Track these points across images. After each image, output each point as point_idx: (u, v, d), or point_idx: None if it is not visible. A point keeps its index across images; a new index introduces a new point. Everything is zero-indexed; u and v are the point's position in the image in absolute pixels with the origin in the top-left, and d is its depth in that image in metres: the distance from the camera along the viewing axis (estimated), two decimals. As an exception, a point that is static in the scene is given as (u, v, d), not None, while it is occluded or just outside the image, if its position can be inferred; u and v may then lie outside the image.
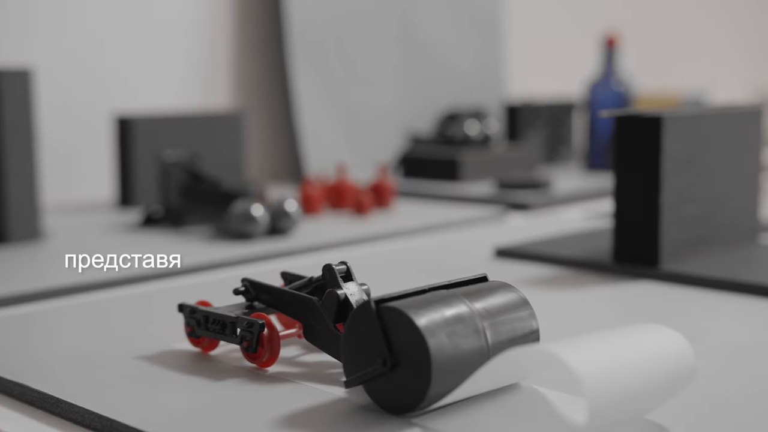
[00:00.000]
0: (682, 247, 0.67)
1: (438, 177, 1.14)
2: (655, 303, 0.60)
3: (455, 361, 0.39)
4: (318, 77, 1.27)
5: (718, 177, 0.70)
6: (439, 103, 1.41)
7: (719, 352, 0.49)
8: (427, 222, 0.91)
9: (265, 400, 0.42)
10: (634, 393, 0.36)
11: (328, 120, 1.28)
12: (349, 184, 0.99)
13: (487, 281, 0.45)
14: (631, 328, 0.39)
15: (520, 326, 0.43)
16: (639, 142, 0.65)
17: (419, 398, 0.39)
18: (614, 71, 1.23)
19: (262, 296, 0.49)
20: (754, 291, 0.61)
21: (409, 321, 0.39)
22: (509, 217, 0.97)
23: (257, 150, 1.29)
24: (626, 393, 0.36)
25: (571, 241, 0.76)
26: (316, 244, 0.80)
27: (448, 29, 1.44)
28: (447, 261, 0.73)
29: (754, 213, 0.74)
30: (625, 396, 0.36)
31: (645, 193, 0.65)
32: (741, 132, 0.71)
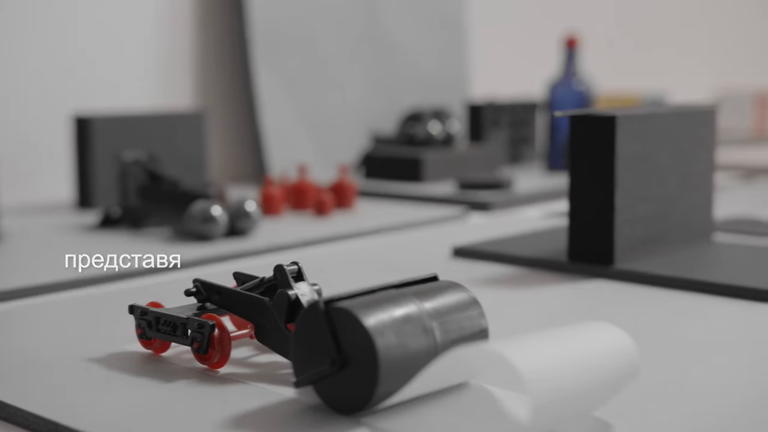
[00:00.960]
0: (636, 245, 0.68)
1: (400, 177, 1.14)
2: (608, 301, 0.60)
3: (404, 361, 0.40)
4: (280, 76, 1.27)
5: (671, 176, 0.70)
6: (402, 102, 1.42)
7: (668, 350, 0.50)
8: (387, 222, 0.91)
9: (215, 402, 0.42)
10: (577, 390, 0.36)
11: (290, 120, 1.27)
12: (310, 184, 0.98)
13: (437, 281, 0.45)
14: (576, 326, 0.39)
15: (469, 325, 0.43)
16: (593, 142, 0.66)
17: (367, 398, 0.39)
18: (574, 71, 1.25)
19: (213, 297, 0.49)
20: (707, 289, 0.62)
21: (357, 321, 0.39)
22: (470, 217, 0.98)
23: (220, 150, 1.28)
24: (570, 390, 0.36)
25: (529, 240, 0.76)
26: (276, 245, 0.80)
27: (413, 29, 1.45)
28: (404, 261, 0.73)
29: (707, 212, 0.75)
30: (569, 393, 0.36)
31: (599, 193, 0.66)
32: (694, 132, 0.72)
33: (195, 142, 1.10)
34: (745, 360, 0.48)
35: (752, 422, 0.39)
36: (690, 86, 2.11)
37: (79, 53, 1.12)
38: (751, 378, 0.45)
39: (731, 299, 0.60)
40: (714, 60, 2.29)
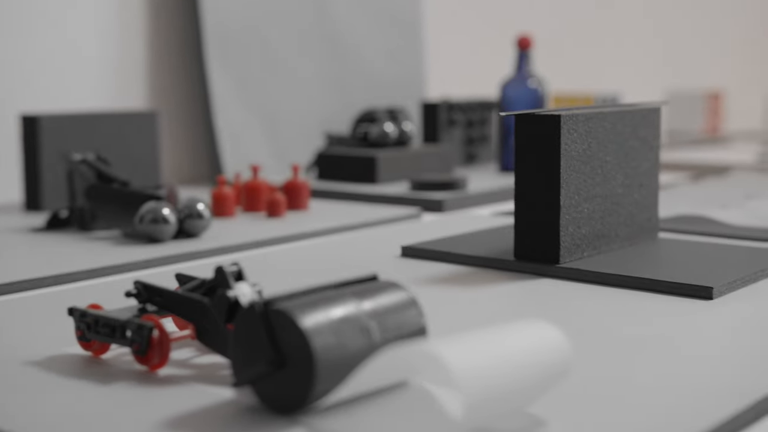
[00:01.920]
0: (582, 244, 0.69)
1: (354, 177, 1.14)
2: (552, 300, 0.61)
3: (341, 361, 0.40)
4: (234, 77, 1.26)
5: (616, 175, 0.71)
6: (358, 102, 1.42)
7: (607, 347, 0.50)
8: (340, 222, 0.91)
9: (153, 403, 0.42)
10: (510, 387, 0.37)
11: (245, 120, 1.27)
12: (262, 185, 0.98)
13: (377, 281, 0.45)
14: (510, 324, 0.40)
15: (407, 325, 0.43)
16: (538, 142, 0.67)
17: (305, 398, 0.39)
18: (527, 72, 1.26)
19: (154, 299, 0.48)
20: (650, 287, 0.62)
21: (294, 322, 0.40)
22: (423, 217, 0.98)
23: (174, 151, 1.27)
24: (502, 387, 0.37)
25: (477, 239, 0.77)
26: (226, 246, 0.80)
27: (367, 29, 1.45)
28: (353, 261, 0.74)
29: (652, 210, 0.76)
30: (501, 390, 0.37)
31: (544, 192, 0.67)
32: (639, 131, 0.73)
33: (147, 142, 1.09)
34: (683, 357, 0.49)
35: (686, 418, 0.40)
36: (644, 87, 2.14)
37: (29, 53, 1.11)
38: (687, 374, 0.46)
39: (674, 297, 0.61)
40: (667, 61, 2.33)
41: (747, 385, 0.44)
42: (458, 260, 0.72)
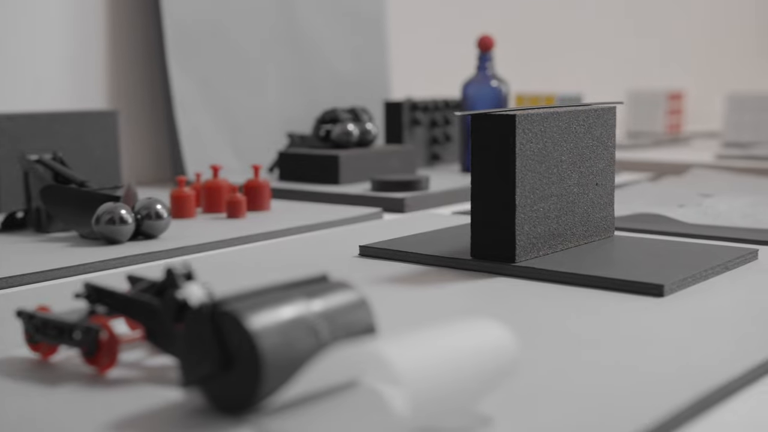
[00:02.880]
0: (537, 242, 0.69)
1: (316, 177, 1.14)
2: (507, 298, 0.61)
3: (289, 362, 0.40)
4: (195, 77, 1.25)
5: (571, 174, 0.72)
6: (321, 102, 1.42)
7: (558, 345, 0.51)
8: (300, 222, 0.91)
9: (102, 405, 0.42)
10: (455, 386, 0.37)
11: (207, 121, 1.26)
12: (223, 186, 0.98)
13: (326, 281, 0.45)
14: (457, 323, 0.40)
15: (357, 326, 0.43)
16: (493, 141, 0.67)
17: (252, 398, 0.39)
18: (489, 72, 1.26)
19: (104, 300, 0.48)
20: (604, 285, 0.63)
21: (241, 323, 0.39)
22: (384, 216, 0.98)
23: (135, 151, 1.26)
24: (448, 386, 0.37)
25: (436, 239, 0.77)
26: (185, 247, 0.79)
27: (331, 28, 1.45)
28: (310, 261, 0.74)
29: (607, 209, 0.77)
30: (447, 389, 0.37)
31: (500, 191, 0.67)
32: (594, 130, 0.74)
33: (107, 142, 1.08)
34: (629, 354, 0.49)
35: (629, 415, 0.41)
36: (606, 88, 2.16)
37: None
38: (632, 371, 0.46)
39: (627, 294, 0.62)
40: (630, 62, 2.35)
41: (690, 381, 0.44)
42: (415, 259, 0.72)
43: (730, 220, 0.87)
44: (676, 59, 2.52)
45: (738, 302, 0.59)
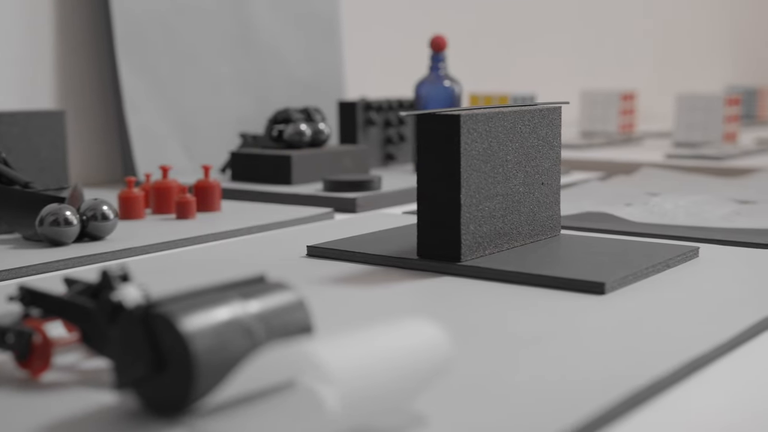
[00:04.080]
0: (483, 242, 0.70)
1: (268, 177, 1.14)
2: (451, 297, 0.62)
3: (222, 364, 0.40)
4: (146, 76, 1.24)
5: (517, 173, 0.73)
6: (275, 102, 1.41)
7: (497, 343, 0.51)
8: (250, 223, 0.90)
9: (35, 409, 0.41)
10: (388, 384, 0.37)
11: (158, 121, 1.25)
12: (172, 186, 0.97)
13: (264, 282, 0.45)
14: (392, 323, 0.40)
15: (294, 327, 0.43)
16: (438, 141, 0.67)
17: (185, 400, 0.39)
18: (441, 72, 1.27)
19: (39, 303, 0.47)
20: (548, 283, 0.64)
21: (174, 324, 0.39)
22: (335, 217, 0.98)
23: (84, 152, 1.25)
24: (380, 384, 0.37)
25: (384, 238, 0.77)
26: (131, 249, 0.78)
27: (285, 27, 1.44)
28: (257, 262, 0.73)
29: (554, 208, 0.77)
30: (380, 388, 0.37)
31: (445, 191, 0.68)
32: (539, 130, 0.75)
33: (54, 142, 1.06)
34: (567, 352, 0.50)
35: (563, 412, 0.41)
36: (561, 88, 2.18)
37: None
38: (569, 369, 0.47)
39: (569, 292, 0.62)
40: (584, 62, 2.38)
41: (624, 377, 0.45)
42: (362, 259, 0.72)
43: (675, 219, 0.89)
44: (629, 59, 2.55)
45: (676, 300, 0.60)
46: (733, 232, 0.81)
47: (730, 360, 0.50)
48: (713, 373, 0.48)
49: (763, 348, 0.52)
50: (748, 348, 0.52)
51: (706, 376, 0.47)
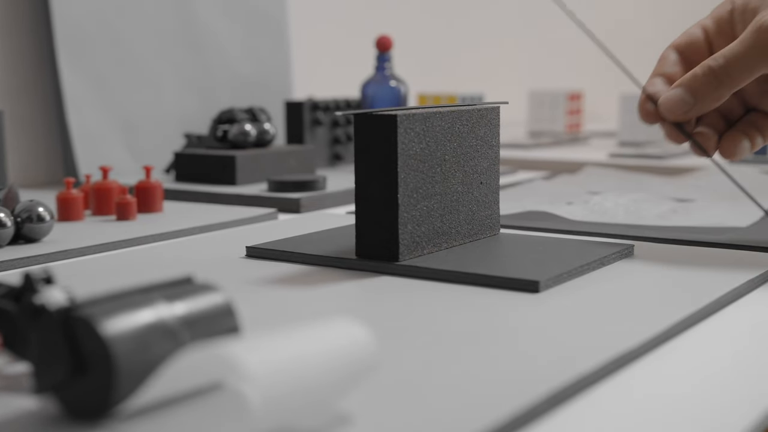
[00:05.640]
0: (421, 241, 0.70)
1: (212, 178, 1.13)
2: (387, 297, 0.62)
3: (144, 367, 0.39)
4: (88, 76, 1.22)
5: (456, 173, 0.73)
6: (221, 102, 1.40)
7: (428, 342, 0.51)
8: (191, 224, 0.89)
9: (-52, 417, 0.40)
10: (311, 384, 0.37)
11: (100, 121, 1.23)
12: (113, 187, 0.96)
13: (191, 283, 0.45)
14: (316, 322, 0.40)
15: (220, 329, 0.43)
16: (375, 141, 0.67)
17: (106, 405, 0.39)
18: (387, 71, 1.27)
19: (-40, 307, 0.46)
20: (484, 282, 0.64)
21: (94, 328, 0.39)
22: (279, 217, 0.98)
23: (24, 153, 1.22)
24: (303, 385, 0.37)
25: (325, 239, 0.77)
26: (67, 251, 0.77)
27: (230, 26, 1.43)
28: (194, 263, 0.73)
29: (493, 207, 0.78)
30: (302, 388, 0.37)
31: (382, 191, 0.68)
32: (478, 129, 0.75)
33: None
34: (501, 349, 0.50)
35: (495, 406, 0.41)
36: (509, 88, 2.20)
37: None
38: (502, 366, 0.47)
39: (505, 291, 0.63)
40: (532, 62, 2.40)
41: (552, 373, 0.45)
42: (301, 260, 0.72)
43: (614, 217, 0.90)
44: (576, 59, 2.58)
45: (608, 297, 0.61)
46: (667, 230, 0.83)
47: (657, 356, 0.51)
48: (639, 369, 0.49)
49: (688, 344, 0.53)
50: (674, 344, 0.53)
51: (631, 373, 0.48)
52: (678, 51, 0.75)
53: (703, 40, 0.74)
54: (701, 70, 0.69)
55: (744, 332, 0.56)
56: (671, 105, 0.70)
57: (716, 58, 0.69)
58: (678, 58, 0.75)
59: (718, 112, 0.74)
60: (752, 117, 0.74)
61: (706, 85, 0.69)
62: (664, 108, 0.71)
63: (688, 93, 0.70)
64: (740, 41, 0.68)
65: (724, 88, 0.69)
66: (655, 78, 0.74)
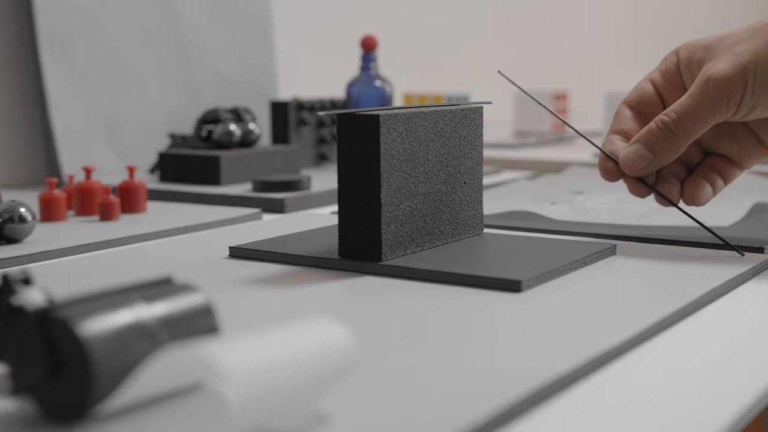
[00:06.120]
0: (405, 241, 0.70)
1: (197, 178, 1.12)
2: (370, 297, 0.62)
3: (123, 368, 0.39)
4: (72, 75, 1.22)
5: (439, 173, 0.73)
6: (206, 102, 1.40)
7: (410, 342, 0.51)
8: (175, 224, 0.89)
9: (-76, 419, 0.40)
10: (290, 384, 0.37)
11: (84, 121, 1.23)
12: (96, 187, 0.95)
13: (170, 284, 0.44)
14: (294, 322, 0.40)
15: (199, 329, 0.43)
16: (358, 141, 0.67)
17: (83, 406, 0.38)
18: (373, 71, 1.27)
19: (-63, 308, 0.46)
20: (467, 282, 0.64)
21: (71, 329, 0.38)
22: (263, 217, 0.97)
23: (6, 152, 1.22)
24: (281, 385, 0.37)
25: (308, 239, 0.77)
26: (49, 252, 0.77)
27: (216, 26, 1.43)
28: (177, 264, 0.72)
29: (476, 207, 0.78)
30: (281, 388, 0.37)
31: (365, 190, 0.68)
32: (461, 129, 0.75)
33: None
34: (482, 349, 0.50)
35: (474, 406, 0.41)
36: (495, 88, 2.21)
37: None
38: (482, 365, 0.47)
39: (488, 291, 0.63)
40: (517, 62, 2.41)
41: (531, 374, 0.45)
42: (284, 260, 0.72)
43: (597, 217, 0.90)
44: (561, 59, 2.59)
45: (590, 297, 0.61)
46: (649, 229, 0.83)
47: (636, 355, 0.51)
48: (618, 369, 0.49)
49: (668, 343, 0.54)
50: (654, 344, 0.53)
51: (609, 373, 0.48)
52: (630, 107, 0.77)
53: (654, 93, 0.77)
54: (656, 126, 0.72)
55: (724, 331, 0.56)
56: (631, 161, 0.72)
57: (669, 113, 0.71)
58: (632, 113, 0.77)
59: (678, 159, 0.76)
60: (711, 161, 0.77)
61: (663, 140, 0.71)
62: (624, 164, 0.73)
63: (646, 149, 0.72)
64: (690, 95, 0.71)
65: (680, 142, 0.71)
66: (612, 136, 0.77)
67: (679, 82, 0.76)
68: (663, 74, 0.77)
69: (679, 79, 0.76)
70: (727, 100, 0.69)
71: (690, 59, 0.74)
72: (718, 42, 0.72)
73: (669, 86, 0.76)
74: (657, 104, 0.76)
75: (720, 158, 0.77)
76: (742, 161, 0.76)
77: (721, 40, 0.72)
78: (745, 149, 0.76)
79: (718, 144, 0.76)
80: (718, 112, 0.70)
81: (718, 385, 0.46)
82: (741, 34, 0.71)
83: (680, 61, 0.75)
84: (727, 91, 0.69)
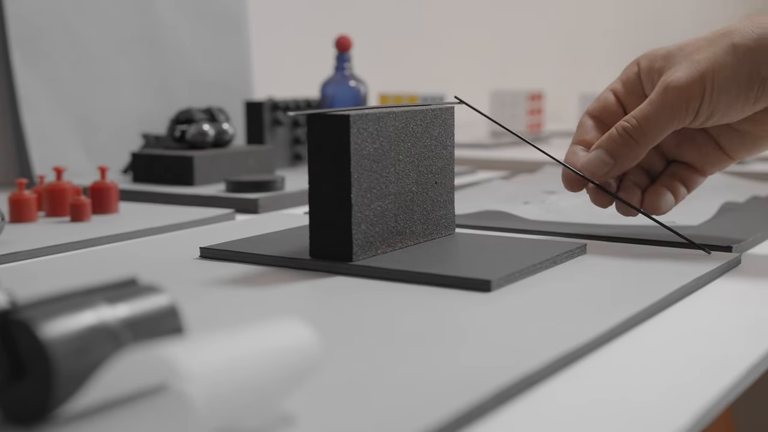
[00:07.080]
0: (376, 241, 0.70)
1: (170, 178, 1.12)
2: (340, 297, 0.62)
3: (85, 370, 0.39)
4: (44, 75, 1.21)
5: (410, 173, 0.73)
6: (179, 102, 1.39)
7: (378, 342, 0.51)
8: (147, 225, 0.89)
9: None
10: (253, 384, 0.37)
11: (56, 121, 1.22)
12: (66, 188, 0.94)
13: (135, 285, 0.44)
14: (258, 322, 0.40)
15: (163, 330, 0.42)
16: (328, 141, 0.67)
17: (45, 408, 0.38)
18: (347, 71, 1.27)
19: None
20: (437, 282, 0.64)
21: (32, 331, 0.38)
22: (236, 218, 0.97)
23: (-22, 153, 1.20)
24: (245, 385, 0.37)
25: (280, 239, 0.77)
26: (18, 253, 0.76)
27: (190, 26, 1.42)
28: (146, 264, 0.72)
29: (448, 207, 0.78)
30: (244, 388, 0.37)
31: (336, 191, 0.68)
32: (432, 129, 0.75)
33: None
34: (450, 348, 0.50)
35: (441, 405, 0.41)
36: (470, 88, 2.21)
37: None
38: (449, 365, 0.47)
39: (458, 290, 0.63)
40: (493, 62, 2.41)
41: (497, 373, 0.46)
42: (254, 260, 0.72)
43: (570, 217, 0.91)
44: (536, 60, 2.60)
45: (559, 296, 0.61)
46: (620, 228, 0.84)
47: (604, 353, 0.51)
48: (585, 367, 0.49)
49: (635, 342, 0.54)
50: (622, 342, 0.54)
51: (577, 371, 0.49)
52: (593, 117, 0.78)
53: (615, 102, 0.78)
54: (617, 132, 0.73)
55: (691, 330, 0.57)
56: (592, 167, 0.74)
57: (629, 119, 0.73)
58: (594, 123, 0.78)
59: (640, 167, 0.77)
60: (673, 169, 0.78)
61: (623, 145, 0.72)
62: (586, 170, 0.74)
63: (607, 154, 0.73)
64: (649, 102, 0.72)
65: (640, 147, 0.72)
66: (574, 146, 0.78)
67: (641, 91, 0.77)
68: (624, 84, 0.78)
69: (641, 88, 0.77)
70: (686, 106, 0.70)
71: (650, 68, 0.75)
72: (678, 51, 0.73)
73: (630, 95, 0.77)
74: (619, 114, 0.77)
75: (682, 165, 0.78)
76: (704, 168, 0.78)
77: (681, 49, 0.73)
78: (707, 156, 0.77)
79: (679, 151, 0.78)
80: (677, 118, 0.71)
81: (684, 382, 0.47)
82: (699, 42, 0.72)
83: (641, 71, 0.76)
84: (685, 97, 0.70)
